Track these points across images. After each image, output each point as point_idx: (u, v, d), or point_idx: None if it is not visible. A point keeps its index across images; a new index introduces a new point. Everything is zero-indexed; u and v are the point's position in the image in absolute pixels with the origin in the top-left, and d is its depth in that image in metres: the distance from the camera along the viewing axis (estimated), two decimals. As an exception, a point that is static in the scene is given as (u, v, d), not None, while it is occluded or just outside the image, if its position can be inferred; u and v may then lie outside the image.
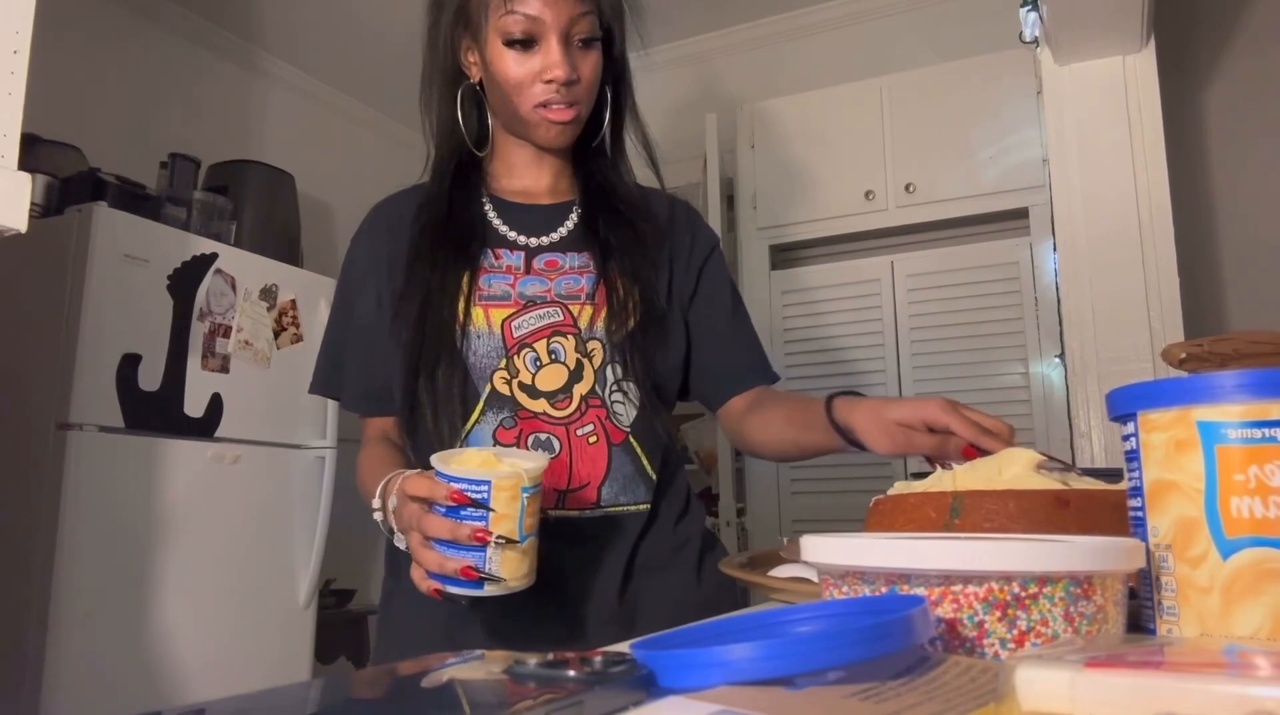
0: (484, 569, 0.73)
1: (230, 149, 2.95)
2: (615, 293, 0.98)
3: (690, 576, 1.01)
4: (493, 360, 0.95)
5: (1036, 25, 2.25)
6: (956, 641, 0.42)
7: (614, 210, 1.04)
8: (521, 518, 0.74)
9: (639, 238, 1.02)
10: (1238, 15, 2.70)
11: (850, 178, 2.66)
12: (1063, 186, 2.27)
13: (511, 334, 0.95)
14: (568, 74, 0.94)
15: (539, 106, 0.96)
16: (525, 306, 0.96)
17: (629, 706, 0.35)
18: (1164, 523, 0.47)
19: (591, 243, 1.02)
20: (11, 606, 2.00)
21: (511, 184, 1.06)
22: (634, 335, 0.97)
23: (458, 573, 0.73)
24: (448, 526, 0.73)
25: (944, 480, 0.68)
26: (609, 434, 0.96)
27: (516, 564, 0.74)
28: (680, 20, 3.29)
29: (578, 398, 0.95)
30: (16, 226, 1.06)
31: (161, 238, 2.25)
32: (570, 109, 0.97)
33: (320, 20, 3.18)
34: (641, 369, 0.97)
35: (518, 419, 0.94)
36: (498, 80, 0.97)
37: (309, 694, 0.43)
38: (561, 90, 0.95)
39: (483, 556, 0.73)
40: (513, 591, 0.75)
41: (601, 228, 1.02)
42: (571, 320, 0.97)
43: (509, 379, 0.94)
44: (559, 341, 0.96)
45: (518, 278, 0.99)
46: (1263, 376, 0.45)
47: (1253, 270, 2.61)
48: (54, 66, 2.62)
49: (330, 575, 2.84)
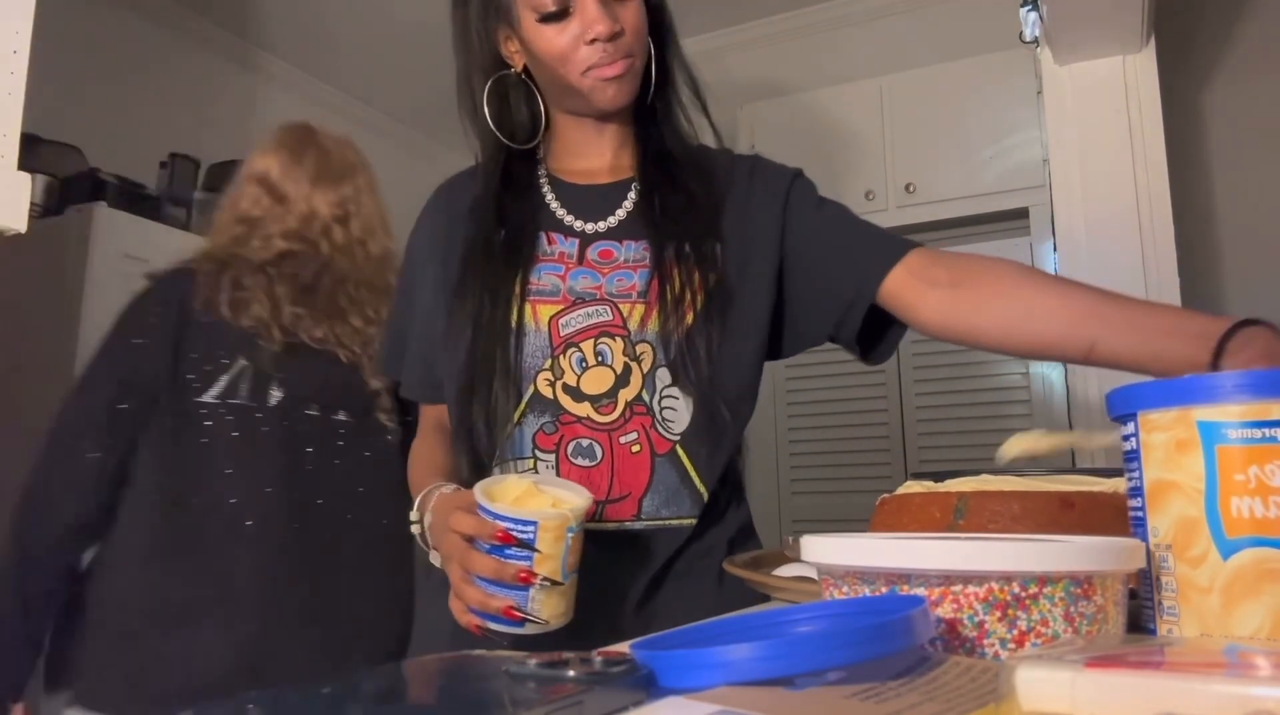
0: (525, 609, 0.73)
1: (230, 149, 2.94)
2: (670, 288, 0.92)
3: (713, 584, 0.95)
4: (538, 360, 0.92)
5: (1036, 25, 2.25)
6: (956, 641, 0.42)
7: (671, 183, 0.99)
8: (565, 557, 0.73)
9: (699, 215, 0.97)
10: (1238, 15, 2.70)
11: (850, 178, 2.66)
12: (1063, 186, 2.27)
13: (559, 332, 0.92)
14: (610, 27, 0.90)
15: (589, 70, 0.92)
16: (574, 303, 0.93)
17: (629, 706, 0.35)
18: (1164, 523, 0.47)
19: (649, 227, 0.96)
20: (11, 606, 2.00)
21: (573, 164, 1.03)
22: (691, 336, 0.91)
23: (500, 611, 0.73)
24: (492, 566, 0.72)
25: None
26: (653, 443, 0.91)
27: (557, 604, 0.74)
28: (681, 20, 3.28)
29: (622, 403, 0.90)
30: (16, 226, 1.06)
31: (161, 238, 2.25)
32: (622, 62, 0.92)
33: (320, 20, 3.18)
34: (699, 374, 0.91)
35: (559, 424, 0.91)
36: (542, 59, 0.94)
37: (311, 691, 0.43)
38: (608, 48, 0.91)
39: (525, 596, 0.73)
40: (552, 629, 0.75)
41: (658, 206, 0.97)
42: (621, 320, 0.92)
43: (553, 381, 0.91)
44: (606, 342, 0.91)
45: (569, 269, 0.95)
46: (1263, 376, 0.45)
47: (1253, 270, 2.61)
48: (54, 66, 2.62)
49: (330, 575, 2.84)
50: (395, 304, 1.09)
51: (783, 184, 1.02)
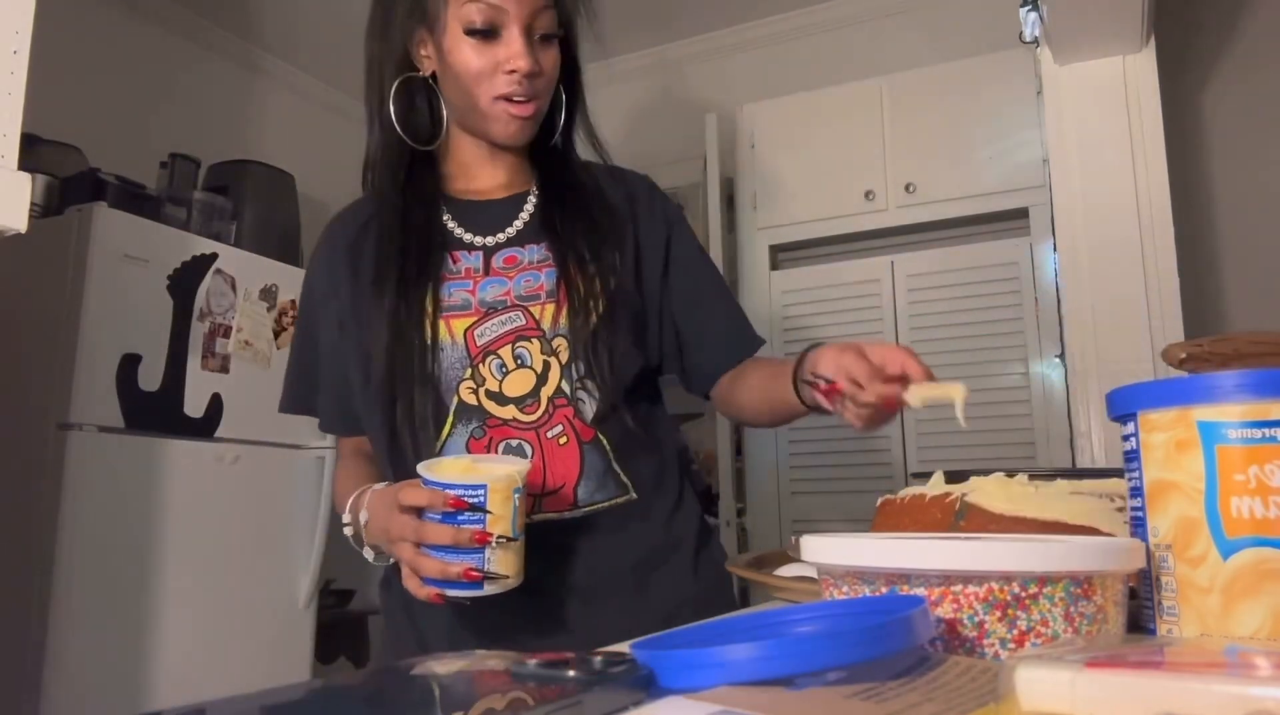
0: (484, 569, 0.77)
1: (230, 149, 2.94)
2: (576, 289, 0.96)
3: (686, 574, 1.00)
4: (458, 371, 0.94)
5: (1036, 25, 2.25)
6: (956, 641, 0.42)
7: (570, 201, 1.02)
8: (515, 517, 0.78)
9: (597, 224, 1.01)
10: (1238, 15, 2.70)
11: (850, 178, 2.66)
12: (1063, 186, 2.27)
13: (475, 342, 0.95)
14: (531, 66, 0.93)
15: (500, 99, 0.94)
16: (486, 314, 0.95)
17: (629, 706, 0.35)
18: (1164, 523, 0.47)
19: (549, 233, 0.99)
20: (12, 606, 2.00)
21: (466, 185, 1.04)
22: (597, 331, 0.95)
23: (460, 576, 0.76)
24: (449, 532, 0.76)
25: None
26: (578, 432, 0.94)
27: (513, 561, 0.79)
28: (680, 21, 3.29)
29: (545, 400, 0.94)
30: (16, 226, 1.06)
31: (161, 238, 2.25)
32: (530, 103, 0.95)
33: (320, 20, 3.18)
34: (606, 365, 0.95)
35: (487, 428, 0.93)
36: (455, 71, 0.94)
37: (309, 694, 0.43)
38: (523, 83, 0.94)
39: (481, 557, 0.77)
40: (509, 588, 0.79)
41: (558, 219, 1.00)
42: (534, 323, 0.95)
43: (475, 388, 0.94)
44: (524, 346, 0.95)
45: (477, 282, 0.97)
46: (1263, 376, 0.45)
47: (1253, 270, 2.61)
48: (54, 66, 2.62)
49: (330, 575, 2.84)
50: (296, 343, 1.09)
51: (667, 225, 1.08)
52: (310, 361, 1.06)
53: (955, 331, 2.51)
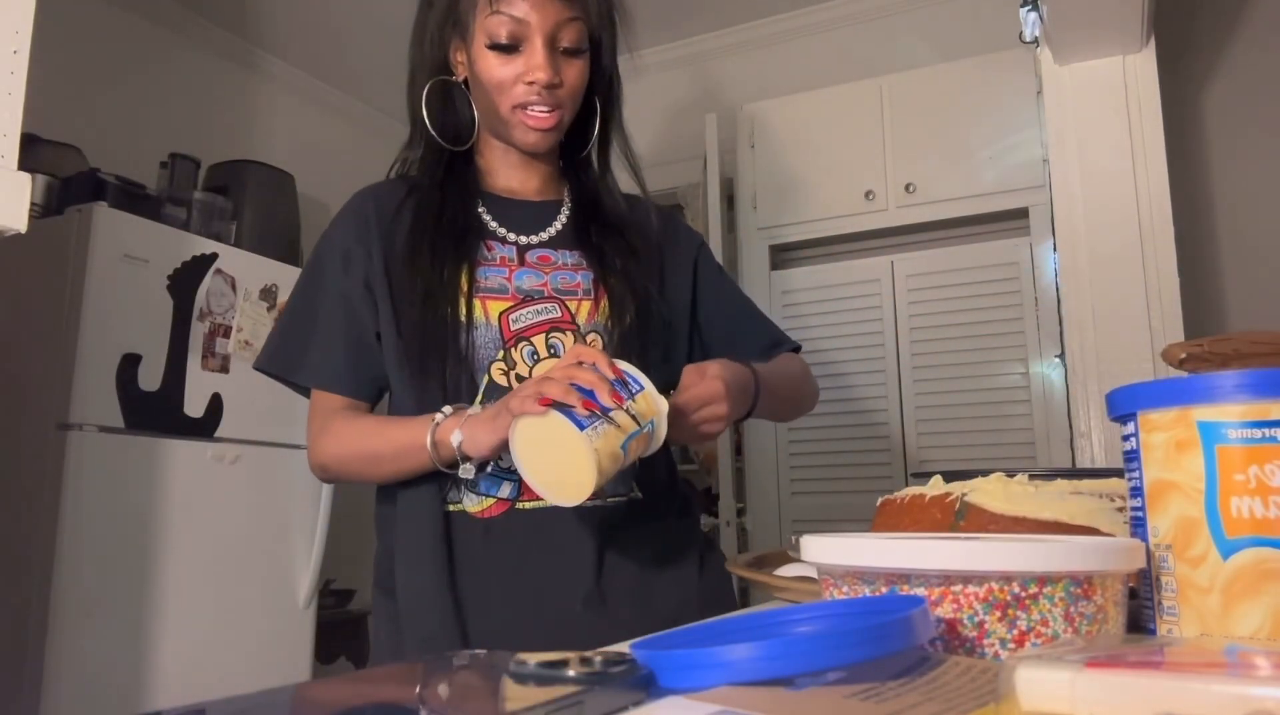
0: (596, 426, 0.77)
1: (230, 149, 2.95)
2: (613, 292, 0.99)
3: (692, 574, 1.01)
4: (491, 352, 0.95)
5: (1036, 25, 2.25)
6: (956, 641, 0.42)
7: (604, 221, 1.05)
8: (634, 434, 0.80)
9: (631, 248, 1.03)
10: (1238, 15, 2.70)
11: (850, 178, 2.66)
12: (1063, 186, 2.27)
13: (509, 327, 0.95)
14: (550, 77, 0.94)
15: (518, 108, 0.96)
16: (522, 301, 0.96)
17: (629, 706, 0.35)
18: (1164, 523, 0.47)
19: (583, 243, 1.02)
20: (11, 606, 2.00)
21: (498, 181, 1.06)
22: (630, 333, 0.98)
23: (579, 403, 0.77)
24: (597, 378, 0.78)
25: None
26: None
27: (609, 457, 0.77)
28: (681, 21, 3.29)
29: None
30: (16, 226, 1.06)
31: (161, 238, 2.25)
32: (551, 114, 0.97)
33: (320, 20, 3.18)
34: (637, 365, 0.96)
35: None
36: (481, 80, 0.97)
37: (310, 693, 0.43)
38: (543, 93, 0.95)
39: (597, 428, 0.77)
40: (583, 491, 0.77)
41: (593, 235, 1.03)
42: (570, 317, 0.97)
43: (507, 371, 0.95)
44: (558, 337, 0.96)
45: (513, 270, 0.98)
46: (1263, 376, 0.45)
47: (1253, 270, 2.61)
48: (54, 66, 2.62)
49: (330, 575, 2.84)
50: (298, 304, 1.02)
51: (693, 252, 1.13)
52: (310, 319, 1.00)
53: (955, 332, 2.51)
